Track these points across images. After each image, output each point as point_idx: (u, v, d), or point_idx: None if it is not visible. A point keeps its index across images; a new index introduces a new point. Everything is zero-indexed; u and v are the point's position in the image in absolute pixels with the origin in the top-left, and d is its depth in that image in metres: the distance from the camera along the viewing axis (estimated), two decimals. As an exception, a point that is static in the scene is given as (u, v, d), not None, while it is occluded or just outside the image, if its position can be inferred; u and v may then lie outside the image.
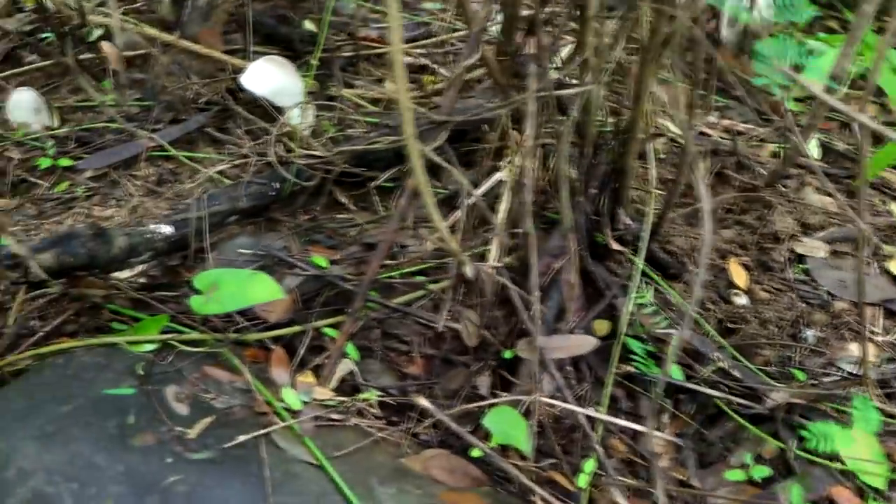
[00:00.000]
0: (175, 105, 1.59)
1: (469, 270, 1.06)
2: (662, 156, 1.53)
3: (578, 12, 1.16)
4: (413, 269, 1.29)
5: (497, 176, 1.21)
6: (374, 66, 1.79)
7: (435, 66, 1.77)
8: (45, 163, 1.53)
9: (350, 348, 1.18)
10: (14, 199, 1.51)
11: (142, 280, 1.30)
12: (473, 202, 1.16)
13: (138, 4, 1.97)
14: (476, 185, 1.24)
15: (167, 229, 1.26)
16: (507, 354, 1.15)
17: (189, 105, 1.57)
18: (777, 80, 1.19)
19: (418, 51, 1.83)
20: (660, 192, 1.38)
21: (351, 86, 1.70)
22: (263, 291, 1.07)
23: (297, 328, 1.18)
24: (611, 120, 1.32)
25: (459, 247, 1.04)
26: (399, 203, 1.12)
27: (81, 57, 1.75)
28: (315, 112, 1.48)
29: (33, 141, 1.60)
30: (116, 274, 1.27)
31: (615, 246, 1.29)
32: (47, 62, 1.82)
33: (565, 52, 1.48)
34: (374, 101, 1.64)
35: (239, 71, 1.54)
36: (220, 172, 1.42)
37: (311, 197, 1.39)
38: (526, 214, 1.11)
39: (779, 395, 1.14)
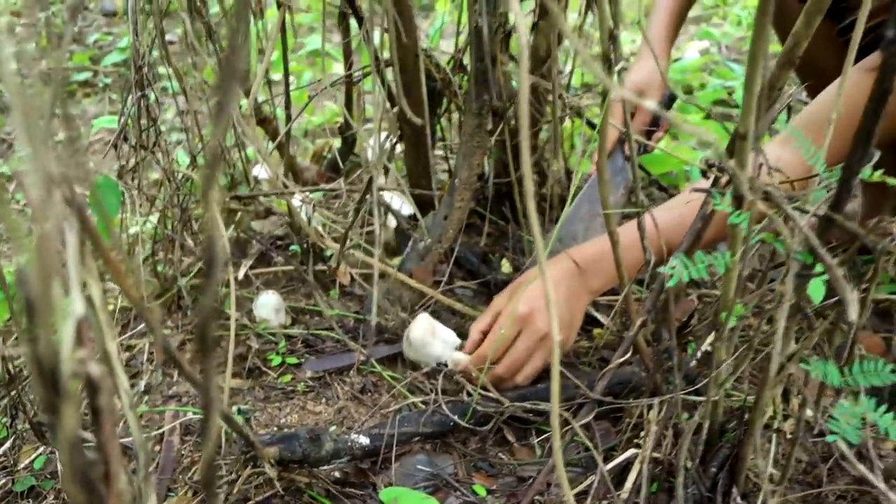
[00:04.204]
0: (384, 328, 1.95)
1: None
2: (790, 435, 1.71)
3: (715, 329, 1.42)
4: (556, 508, 1.55)
5: (630, 452, 1.46)
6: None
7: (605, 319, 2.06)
8: (276, 360, 1.91)
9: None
10: (248, 381, 1.89)
11: (336, 474, 1.62)
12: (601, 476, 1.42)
13: (369, 229, 2.39)
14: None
15: (364, 440, 1.58)
16: None
17: (396, 329, 1.92)
18: None
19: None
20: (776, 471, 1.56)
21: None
22: (432, 514, 1.36)
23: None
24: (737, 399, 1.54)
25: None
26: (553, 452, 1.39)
27: (318, 268, 2.16)
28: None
29: (270, 335, 1.99)
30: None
31: (726, 523, 1.48)
32: (289, 267, 2.24)
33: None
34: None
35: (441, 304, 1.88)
36: (415, 403, 1.75)
37: (483, 431, 1.68)
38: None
39: None
